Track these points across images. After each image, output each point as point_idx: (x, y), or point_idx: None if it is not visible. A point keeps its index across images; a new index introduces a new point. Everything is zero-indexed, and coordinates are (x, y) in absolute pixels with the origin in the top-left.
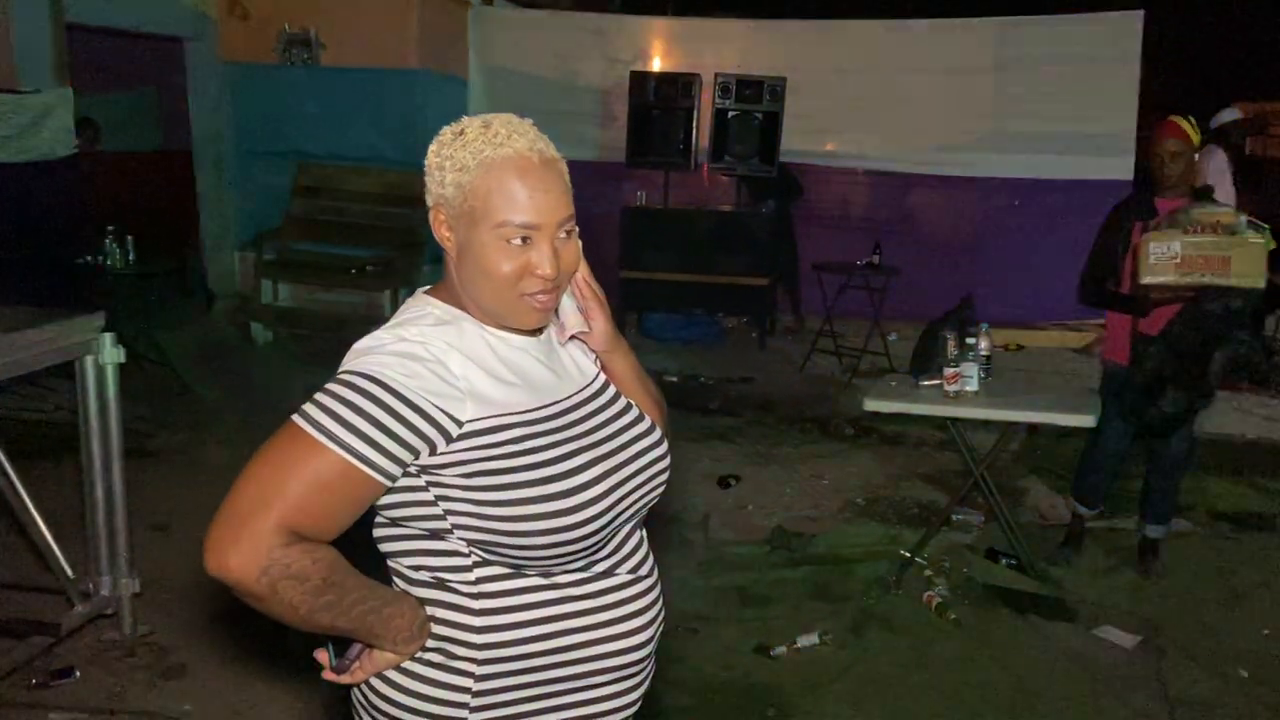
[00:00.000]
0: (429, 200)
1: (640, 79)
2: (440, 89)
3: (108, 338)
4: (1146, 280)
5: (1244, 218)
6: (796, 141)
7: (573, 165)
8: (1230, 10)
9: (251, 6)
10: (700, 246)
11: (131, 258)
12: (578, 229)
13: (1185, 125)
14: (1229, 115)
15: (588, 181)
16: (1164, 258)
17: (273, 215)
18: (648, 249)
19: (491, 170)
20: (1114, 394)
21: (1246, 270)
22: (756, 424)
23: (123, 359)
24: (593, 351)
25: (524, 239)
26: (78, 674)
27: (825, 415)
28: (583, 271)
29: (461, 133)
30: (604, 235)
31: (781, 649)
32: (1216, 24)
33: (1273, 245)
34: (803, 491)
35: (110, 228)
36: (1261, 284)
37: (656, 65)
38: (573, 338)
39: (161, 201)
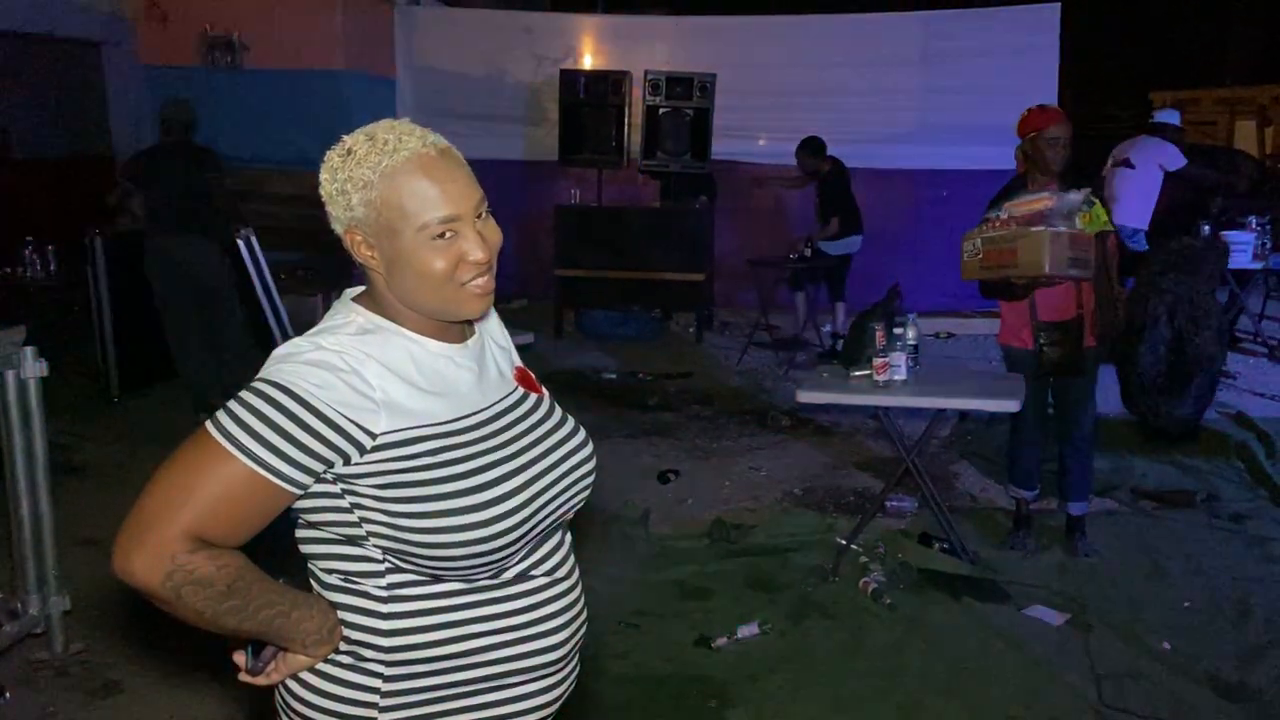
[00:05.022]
0: (337, 227)
1: (570, 77)
2: (367, 90)
3: (29, 351)
4: (967, 278)
5: (1075, 195)
6: (727, 137)
7: (504, 164)
8: (1143, 4)
9: (169, 8)
10: (635, 243)
11: (53, 268)
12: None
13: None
14: (1171, 117)
15: (520, 180)
16: (973, 256)
17: None
18: (583, 247)
19: (396, 178)
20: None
21: (1029, 259)
22: (695, 418)
23: (45, 373)
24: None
25: (449, 233)
26: (8, 695)
27: (762, 407)
28: None
29: (349, 152)
30: (539, 233)
31: (722, 640)
32: (1132, 15)
33: (1097, 228)
34: (741, 483)
35: (29, 238)
36: (1044, 270)
37: (587, 63)
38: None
39: (81, 208)
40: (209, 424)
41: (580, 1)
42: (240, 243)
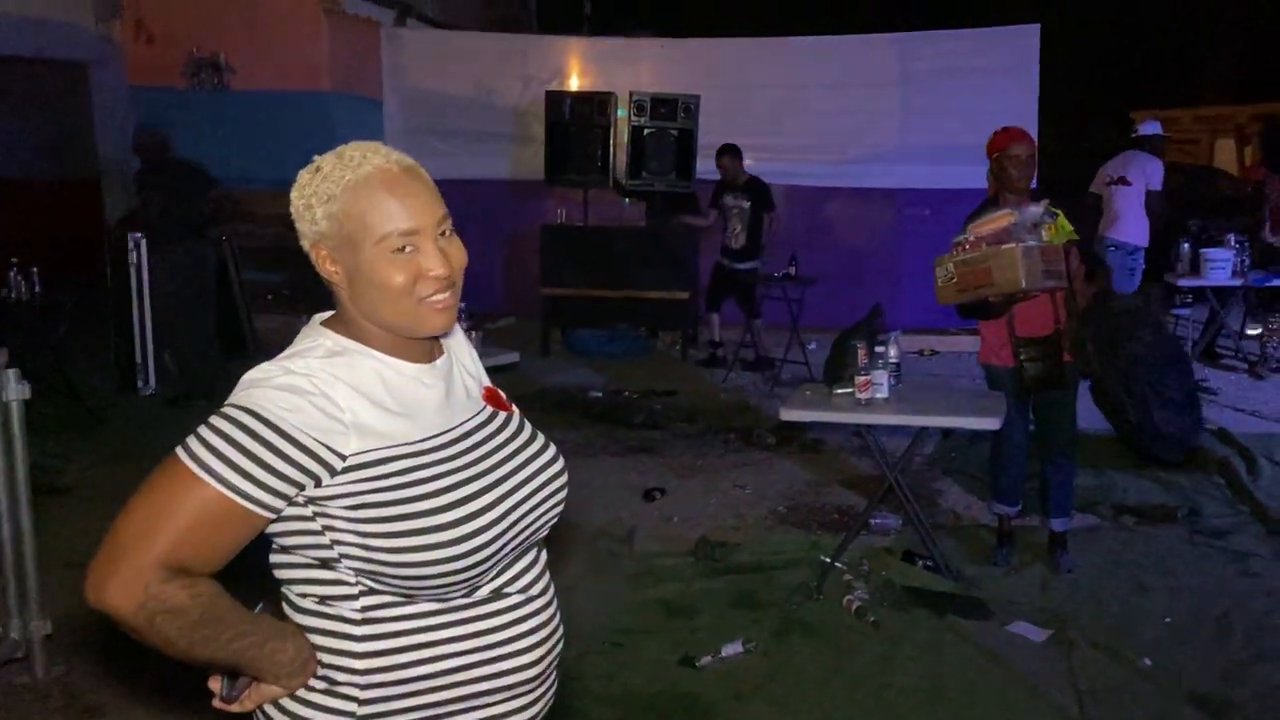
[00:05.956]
0: (305, 243)
1: (556, 98)
2: (353, 111)
3: (11, 374)
4: (944, 302)
5: (1035, 207)
6: (711, 157)
7: (491, 184)
8: (1122, 25)
9: (157, 30)
10: (621, 262)
11: (37, 289)
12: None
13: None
14: (1153, 128)
15: (507, 200)
16: (947, 280)
17: None
18: (569, 266)
19: (358, 191)
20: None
21: (1005, 276)
22: (681, 436)
23: (28, 395)
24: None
25: (409, 247)
26: None
27: (747, 425)
28: None
29: (318, 169)
30: (525, 252)
31: (707, 659)
32: (1113, 36)
33: (1063, 238)
34: (726, 501)
35: (13, 259)
36: (1021, 285)
37: (573, 84)
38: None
39: (68, 229)
40: (180, 450)
41: (567, 24)
42: (227, 250)
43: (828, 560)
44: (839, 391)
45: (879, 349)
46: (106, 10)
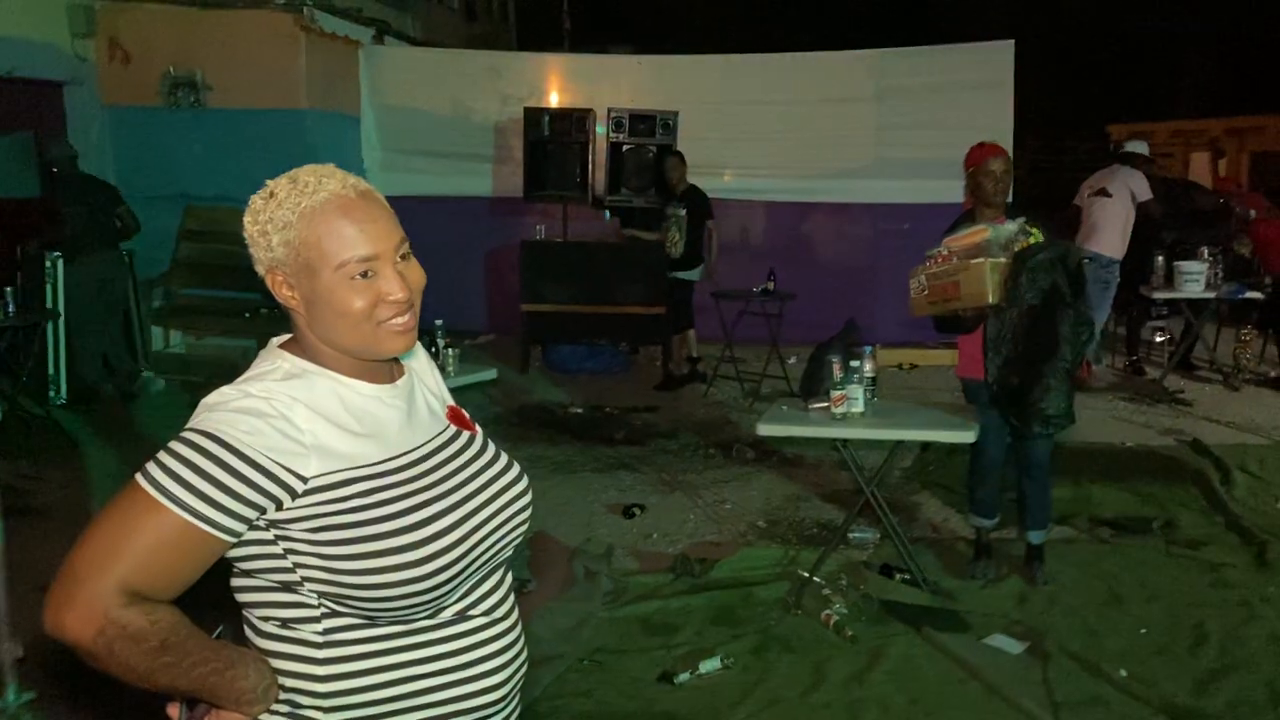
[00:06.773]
0: (260, 268)
1: (534, 115)
2: (331, 128)
3: None
4: (916, 314)
5: (1011, 224)
6: (690, 174)
7: (471, 201)
8: (1097, 40)
9: (132, 49)
10: (600, 278)
11: (10, 309)
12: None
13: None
14: (1139, 146)
15: (486, 216)
16: (919, 293)
17: (160, 260)
18: (548, 282)
19: (315, 218)
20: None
21: (972, 291)
22: (661, 452)
23: None
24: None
25: (367, 272)
26: None
27: (728, 440)
28: None
29: (271, 195)
30: (504, 269)
31: (685, 676)
32: (1087, 51)
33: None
34: (706, 517)
35: None
36: (988, 300)
37: (553, 101)
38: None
39: (43, 249)
40: (139, 476)
41: (545, 41)
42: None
43: (806, 575)
44: (814, 406)
45: (853, 363)
46: (81, 29)
